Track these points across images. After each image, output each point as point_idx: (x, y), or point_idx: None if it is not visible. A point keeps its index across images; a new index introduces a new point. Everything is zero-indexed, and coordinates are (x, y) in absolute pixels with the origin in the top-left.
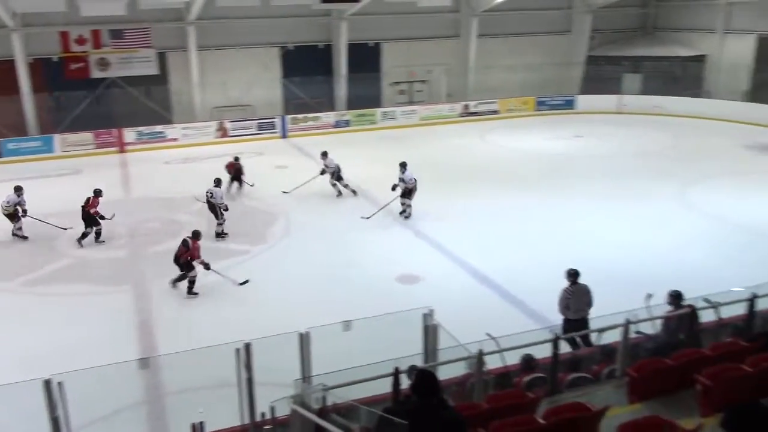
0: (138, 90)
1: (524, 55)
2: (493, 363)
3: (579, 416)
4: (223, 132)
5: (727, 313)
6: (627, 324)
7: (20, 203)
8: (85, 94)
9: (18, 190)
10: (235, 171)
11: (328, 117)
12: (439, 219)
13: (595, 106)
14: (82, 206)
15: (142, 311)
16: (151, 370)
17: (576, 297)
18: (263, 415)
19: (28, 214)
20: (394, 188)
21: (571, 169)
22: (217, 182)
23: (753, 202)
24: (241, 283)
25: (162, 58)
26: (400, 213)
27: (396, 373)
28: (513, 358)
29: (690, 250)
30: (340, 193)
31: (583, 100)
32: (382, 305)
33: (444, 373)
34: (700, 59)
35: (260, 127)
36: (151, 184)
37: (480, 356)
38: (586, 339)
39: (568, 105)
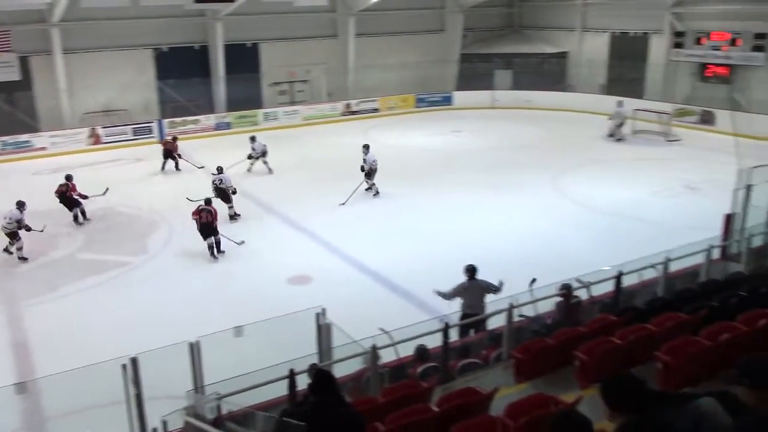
0: None
1: (402, 54)
2: (387, 356)
3: (470, 400)
4: (95, 139)
5: (597, 291)
6: (510, 308)
7: (22, 220)
8: None
9: (21, 205)
10: (166, 151)
11: (208, 120)
12: (327, 218)
13: (470, 101)
14: (62, 193)
15: (17, 332)
16: (31, 394)
17: (470, 292)
18: (155, 430)
19: (32, 228)
20: (362, 169)
21: (451, 164)
22: (220, 169)
23: (612, 188)
24: (239, 243)
25: (24, 62)
26: (366, 190)
27: (291, 375)
28: (407, 350)
29: (563, 235)
30: (270, 171)
31: (460, 97)
32: (274, 308)
33: (340, 371)
34: (563, 55)
35: (136, 132)
36: (19, 198)
37: (374, 351)
38: (480, 327)
39: (446, 101)
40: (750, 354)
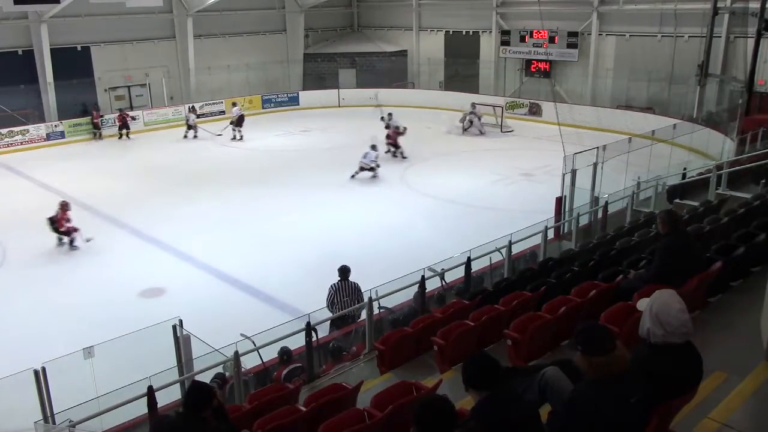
0: None
1: (245, 55)
2: (252, 362)
3: (337, 396)
4: None
5: (450, 277)
6: (370, 301)
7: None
8: None
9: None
10: None
11: (38, 129)
12: (176, 226)
13: (317, 101)
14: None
15: None
16: None
17: (341, 293)
18: None
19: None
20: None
21: (302, 164)
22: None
23: (456, 178)
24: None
25: None
26: (393, 155)
27: (150, 393)
28: (272, 353)
29: (414, 226)
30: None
31: (306, 96)
32: (128, 324)
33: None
34: (402, 54)
35: None
36: None
37: (236, 357)
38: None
39: (293, 101)
40: (582, 323)
